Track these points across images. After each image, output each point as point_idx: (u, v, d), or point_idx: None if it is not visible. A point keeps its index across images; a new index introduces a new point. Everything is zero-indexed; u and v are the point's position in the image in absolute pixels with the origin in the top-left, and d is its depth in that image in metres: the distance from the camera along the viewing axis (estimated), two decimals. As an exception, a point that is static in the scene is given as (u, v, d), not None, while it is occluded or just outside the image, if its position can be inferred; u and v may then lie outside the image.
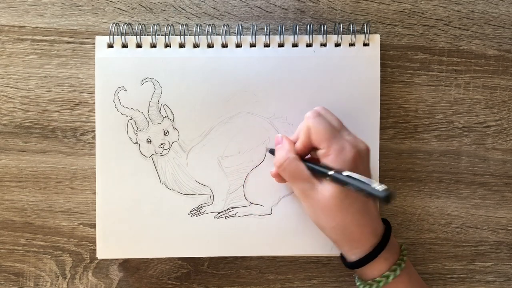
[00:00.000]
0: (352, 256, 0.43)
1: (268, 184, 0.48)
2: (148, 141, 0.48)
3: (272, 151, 0.47)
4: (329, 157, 0.41)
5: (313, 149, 0.44)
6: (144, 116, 0.48)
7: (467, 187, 0.50)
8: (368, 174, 0.43)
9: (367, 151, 0.43)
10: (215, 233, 0.48)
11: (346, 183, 0.38)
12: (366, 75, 0.48)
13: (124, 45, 0.48)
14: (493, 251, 0.51)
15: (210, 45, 0.48)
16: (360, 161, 0.42)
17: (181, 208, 0.48)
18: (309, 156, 0.45)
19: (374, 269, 0.42)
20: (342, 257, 0.45)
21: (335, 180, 0.40)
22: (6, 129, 0.50)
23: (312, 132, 0.42)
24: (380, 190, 0.35)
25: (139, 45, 0.48)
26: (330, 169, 0.41)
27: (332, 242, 0.44)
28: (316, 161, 0.43)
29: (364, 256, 0.42)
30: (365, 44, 0.48)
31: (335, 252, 0.47)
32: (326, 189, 0.41)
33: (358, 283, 0.44)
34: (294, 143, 0.44)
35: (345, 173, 0.39)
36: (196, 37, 0.48)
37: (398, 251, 0.44)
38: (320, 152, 0.42)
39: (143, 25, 0.49)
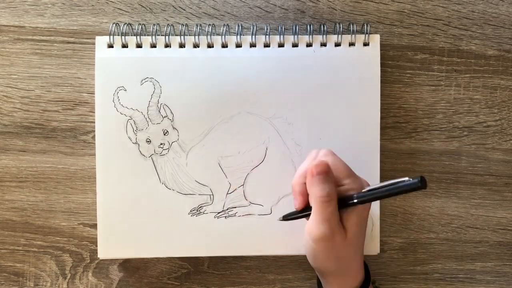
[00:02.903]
0: None
1: (268, 184, 0.48)
2: (148, 141, 0.48)
3: (288, 216, 0.46)
4: (352, 191, 0.41)
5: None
6: (144, 116, 0.48)
7: (467, 187, 0.50)
8: None
9: None
10: (215, 233, 0.48)
11: (375, 193, 0.39)
12: (366, 75, 0.48)
13: (124, 45, 0.48)
14: (493, 251, 0.51)
15: (210, 45, 0.48)
16: None
17: (181, 208, 0.48)
18: None
19: None
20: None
21: (361, 200, 0.40)
22: (6, 129, 0.50)
23: (337, 168, 0.42)
24: (413, 179, 0.36)
25: (139, 45, 0.48)
26: (350, 196, 0.40)
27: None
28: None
29: None
30: (365, 44, 0.48)
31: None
32: (349, 231, 0.41)
33: None
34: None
35: (367, 188, 0.40)
36: (196, 37, 0.48)
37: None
38: (343, 188, 0.41)
39: (143, 25, 0.49)
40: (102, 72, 0.48)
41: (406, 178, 0.37)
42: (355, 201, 0.40)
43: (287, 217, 0.45)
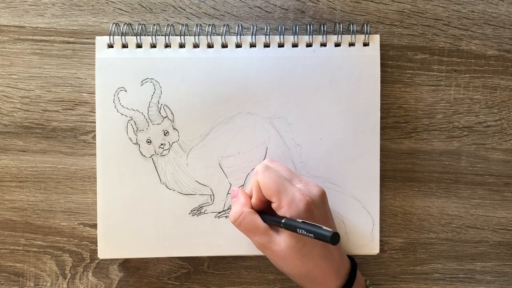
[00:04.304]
0: None
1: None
2: (148, 142, 0.48)
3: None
4: (282, 209, 0.41)
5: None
6: (144, 116, 0.48)
7: (467, 187, 0.50)
8: (326, 217, 0.44)
9: (321, 195, 0.43)
10: (215, 233, 0.48)
11: (297, 228, 0.39)
12: (366, 75, 0.48)
13: (124, 45, 0.48)
14: (493, 251, 0.51)
15: (210, 45, 0.48)
16: (314, 207, 0.42)
17: (181, 208, 0.48)
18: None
19: None
20: None
21: (287, 227, 0.40)
22: (6, 129, 0.50)
23: (262, 187, 0.42)
24: (326, 231, 0.37)
25: (139, 45, 0.48)
26: (284, 218, 0.41)
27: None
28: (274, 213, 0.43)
29: None
30: (365, 44, 0.48)
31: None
32: (283, 240, 0.41)
33: None
34: (251, 196, 0.45)
35: (298, 220, 0.40)
36: (196, 37, 0.48)
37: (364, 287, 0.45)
38: (273, 206, 0.42)
39: (143, 25, 0.49)
40: (102, 73, 0.48)
41: (328, 229, 0.37)
42: (281, 225, 0.41)
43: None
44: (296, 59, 0.48)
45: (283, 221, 0.40)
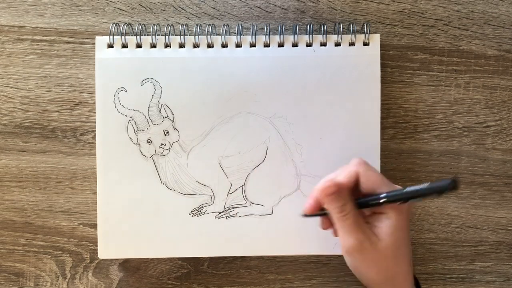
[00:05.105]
0: None
1: (269, 184, 0.48)
2: (149, 142, 0.48)
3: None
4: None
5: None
6: (145, 116, 0.48)
7: (467, 187, 0.50)
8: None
9: None
10: (215, 233, 0.48)
11: (405, 195, 0.38)
12: (366, 75, 0.48)
13: (124, 45, 0.48)
14: (493, 251, 0.51)
15: (210, 45, 0.48)
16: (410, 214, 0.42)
17: (181, 208, 0.48)
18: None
19: None
20: None
21: (391, 199, 0.39)
22: (6, 129, 0.50)
23: (366, 178, 0.41)
24: (443, 182, 0.35)
25: (139, 45, 0.48)
26: (379, 194, 0.40)
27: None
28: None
29: None
30: (365, 44, 0.48)
31: (336, 252, 0.47)
32: (382, 239, 0.40)
33: None
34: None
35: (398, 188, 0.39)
36: (196, 37, 0.48)
37: None
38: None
39: (143, 25, 0.49)
40: (102, 73, 0.48)
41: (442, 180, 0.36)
42: (381, 201, 0.39)
43: (308, 214, 0.43)
44: (296, 59, 0.48)
45: (382, 195, 0.39)
